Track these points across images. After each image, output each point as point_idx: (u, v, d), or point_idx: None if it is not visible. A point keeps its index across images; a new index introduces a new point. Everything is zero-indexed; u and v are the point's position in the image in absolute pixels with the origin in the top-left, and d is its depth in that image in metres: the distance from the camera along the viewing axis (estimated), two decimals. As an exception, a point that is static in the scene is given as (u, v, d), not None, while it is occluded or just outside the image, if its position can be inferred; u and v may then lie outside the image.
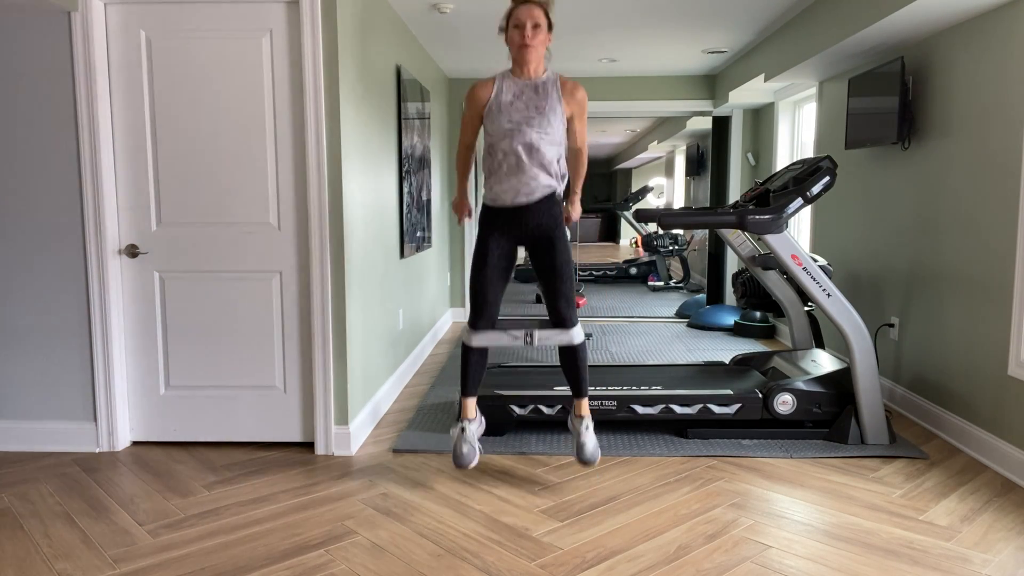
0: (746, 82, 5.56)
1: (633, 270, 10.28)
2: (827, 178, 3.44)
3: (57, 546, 2.51)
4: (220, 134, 3.29)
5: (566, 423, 3.27)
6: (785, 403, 3.51)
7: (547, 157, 2.82)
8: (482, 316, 2.92)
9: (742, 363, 4.25)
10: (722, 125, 6.91)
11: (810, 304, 4.14)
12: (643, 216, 3.59)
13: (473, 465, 2.92)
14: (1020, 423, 3.05)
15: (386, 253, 4.17)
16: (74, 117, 3.27)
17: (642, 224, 7.68)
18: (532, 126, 2.80)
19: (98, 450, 3.42)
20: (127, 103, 3.30)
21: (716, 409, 3.52)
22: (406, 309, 4.76)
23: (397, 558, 2.42)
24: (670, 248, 9.59)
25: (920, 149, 3.85)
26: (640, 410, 3.53)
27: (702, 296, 7.27)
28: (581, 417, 2.99)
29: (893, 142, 3.84)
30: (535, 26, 2.77)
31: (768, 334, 6.12)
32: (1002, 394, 3.17)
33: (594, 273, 10.35)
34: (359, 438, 3.49)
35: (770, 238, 3.43)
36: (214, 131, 3.29)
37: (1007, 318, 3.13)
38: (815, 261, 3.62)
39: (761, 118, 6.51)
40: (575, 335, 2.93)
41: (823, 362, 3.82)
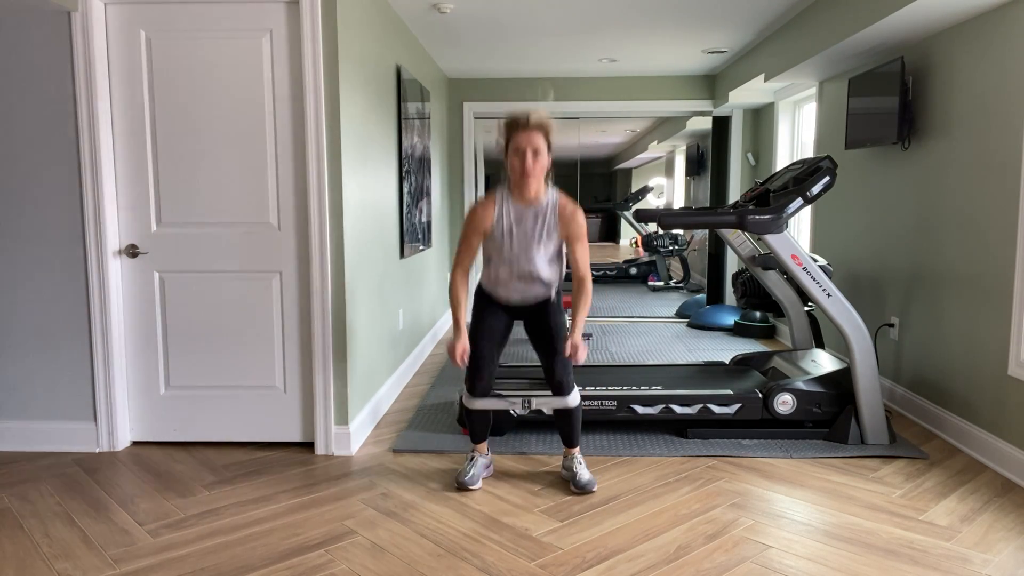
0: (746, 82, 5.56)
1: (633, 270, 10.27)
2: (827, 178, 3.44)
3: (57, 546, 2.51)
4: (220, 134, 3.29)
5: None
6: (785, 403, 3.51)
7: (543, 277, 2.88)
8: (479, 381, 2.95)
9: (742, 363, 4.25)
10: (722, 125, 6.91)
11: (810, 304, 4.14)
12: (643, 216, 3.59)
13: (473, 488, 2.96)
14: (1020, 423, 3.05)
15: (386, 253, 4.17)
16: (74, 117, 3.26)
17: (642, 224, 7.69)
18: (530, 257, 2.84)
19: (98, 450, 3.41)
20: (127, 103, 3.30)
21: (716, 409, 3.52)
22: (406, 309, 4.76)
23: (397, 558, 2.42)
24: (670, 248, 9.59)
25: (920, 149, 3.85)
26: (640, 410, 3.53)
27: (702, 296, 7.27)
28: (572, 455, 3.04)
29: (893, 142, 3.84)
30: (535, 153, 2.74)
31: (768, 334, 6.12)
32: (1002, 394, 3.17)
33: (594, 273, 10.34)
34: (359, 438, 3.49)
35: (770, 238, 3.43)
36: (214, 131, 3.29)
37: (1007, 318, 3.13)
38: (815, 261, 3.62)
39: (761, 118, 6.51)
40: (571, 400, 2.96)
41: (823, 362, 3.82)
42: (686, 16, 4.58)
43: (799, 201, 3.43)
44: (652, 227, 10.82)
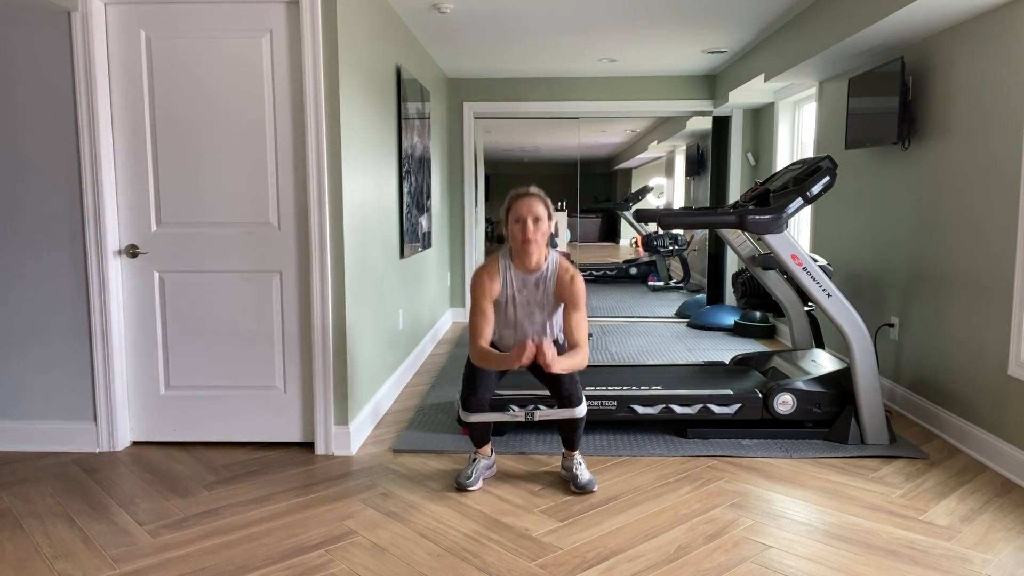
0: (746, 82, 5.56)
1: (633, 270, 10.27)
2: (827, 178, 3.44)
3: (57, 546, 2.51)
4: (220, 134, 3.29)
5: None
6: (785, 403, 3.51)
7: (546, 338, 2.90)
8: (474, 396, 2.94)
9: (742, 363, 4.25)
10: (722, 125, 6.91)
11: (810, 304, 4.14)
12: (643, 216, 3.59)
13: (473, 489, 2.95)
14: (1020, 423, 3.05)
15: (386, 253, 4.17)
16: (74, 117, 3.26)
17: (642, 224, 7.69)
18: (534, 320, 2.89)
19: (98, 450, 3.41)
20: (127, 103, 3.30)
21: (716, 409, 3.52)
22: (406, 309, 4.76)
23: (397, 558, 2.41)
24: (670, 248, 9.59)
25: (920, 149, 3.85)
26: (640, 410, 3.53)
27: (702, 296, 7.27)
28: (572, 456, 3.03)
29: (893, 142, 3.84)
30: (536, 220, 2.76)
31: (768, 334, 6.12)
32: (1002, 394, 3.17)
33: (594, 273, 10.34)
34: (359, 438, 3.49)
35: (770, 238, 3.43)
36: (214, 131, 3.29)
37: (1007, 318, 3.13)
38: (815, 261, 3.62)
39: (761, 118, 6.51)
40: (579, 412, 2.94)
41: (823, 362, 3.81)
42: (686, 16, 4.58)
43: (799, 201, 3.42)
44: (652, 227, 10.82)
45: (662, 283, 9.61)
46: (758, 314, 6.18)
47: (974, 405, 3.37)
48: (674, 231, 9.78)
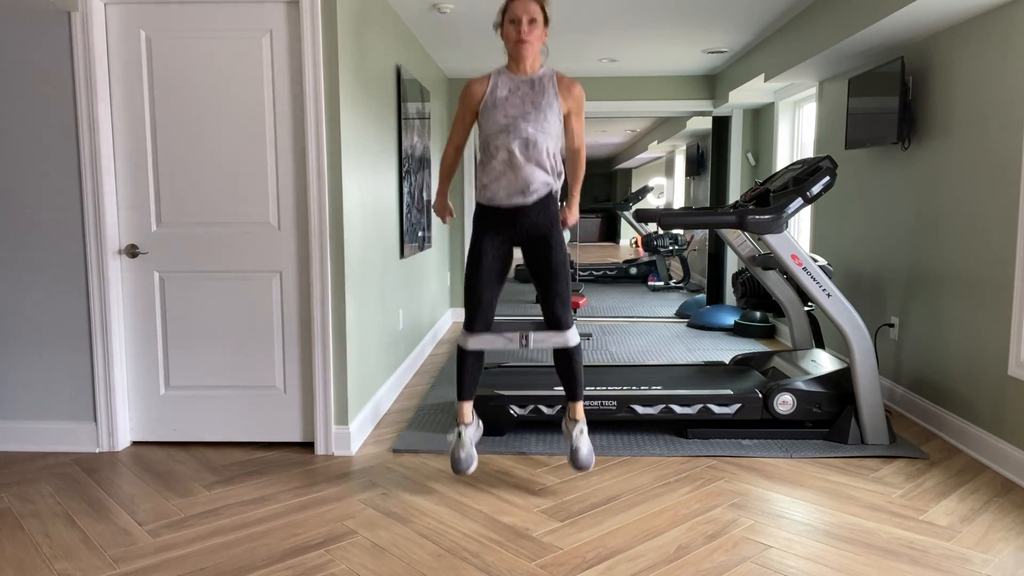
0: (746, 82, 5.56)
1: (633, 270, 10.28)
2: (827, 178, 3.44)
3: (57, 546, 2.51)
4: (220, 134, 3.29)
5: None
6: (785, 403, 3.51)
7: (544, 153, 2.77)
8: (477, 319, 2.91)
9: (742, 363, 4.25)
10: (722, 125, 6.91)
11: (810, 304, 4.14)
12: (643, 216, 3.59)
13: (471, 471, 2.91)
14: (1020, 423, 3.05)
15: (386, 253, 4.17)
16: (74, 117, 3.26)
17: (642, 224, 7.69)
18: (528, 121, 2.76)
19: (98, 450, 3.42)
20: (127, 103, 3.30)
21: (716, 409, 3.52)
22: (406, 309, 4.76)
23: (397, 558, 2.42)
24: (670, 248, 9.60)
25: (920, 149, 3.85)
26: (640, 410, 3.53)
27: (702, 296, 7.27)
28: (576, 420, 2.97)
29: (893, 142, 3.84)
30: (531, 21, 2.73)
31: (768, 334, 6.12)
32: (1002, 394, 3.17)
33: (594, 273, 10.35)
34: (359, 438, 3.49)
35: (770, 238, 3.43)
36: (214, 131, 3.29)
37: (1007, 318, 3.13)
38: (815, 261, 3.62)
39: (761, 118, 6.51)
40: (570, 337, 2.88)
41: (823, 362, 3.82)
42: (686, 16, 4.58)
43: (799, 201, 3.43)
44: (652, 227, 10.83)
45: (662, 283, 9.61)
46: (758, 314, 6.18)
47: (974, 405, 3.37)
48: (674, 231, 9.79)
